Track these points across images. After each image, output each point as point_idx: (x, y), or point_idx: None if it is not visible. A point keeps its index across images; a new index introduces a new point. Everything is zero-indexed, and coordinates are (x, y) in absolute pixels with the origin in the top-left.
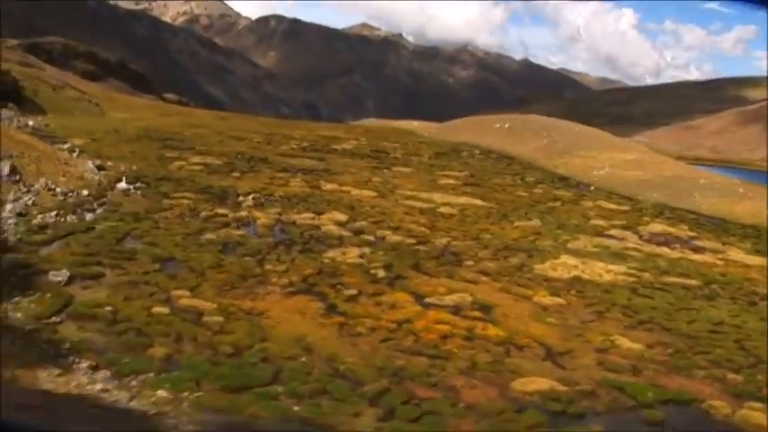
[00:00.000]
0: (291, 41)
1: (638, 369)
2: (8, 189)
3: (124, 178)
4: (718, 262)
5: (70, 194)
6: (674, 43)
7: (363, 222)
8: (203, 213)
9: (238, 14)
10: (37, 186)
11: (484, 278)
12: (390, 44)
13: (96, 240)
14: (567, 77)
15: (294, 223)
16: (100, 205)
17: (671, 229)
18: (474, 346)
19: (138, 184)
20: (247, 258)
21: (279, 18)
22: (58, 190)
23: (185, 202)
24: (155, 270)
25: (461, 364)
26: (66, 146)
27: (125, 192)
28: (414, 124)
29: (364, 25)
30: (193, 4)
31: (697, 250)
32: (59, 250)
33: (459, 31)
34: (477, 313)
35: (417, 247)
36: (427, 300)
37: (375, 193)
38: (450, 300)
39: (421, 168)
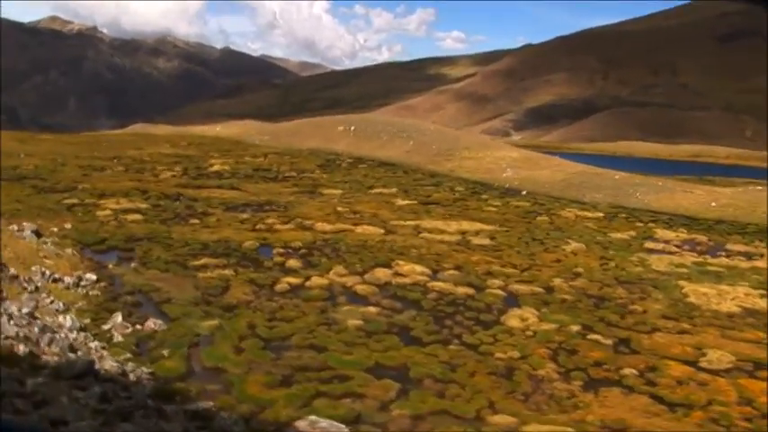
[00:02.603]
0: None
1: None
2: None
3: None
4: None
5: (83, 282)
6: (365, 26)
7: (454, 272)
8: (279, 287)
9: None
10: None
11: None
12: (86, 38)
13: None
14: (269, 63)
15: (403, 287)
16: (131, 293)
17: (680, 234)
18: None
19: (132, 259)
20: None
21: None
22: (68, 280)
23: (227, 273)
24: None
25: None
26: None
27: (135, 267)
28: (239, 126)
29: (54, 18)
30: None
31: (748, 256)
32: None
33: (156, 22)
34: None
35: (583, 300)
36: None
37: (382, 230)
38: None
39: (349, 188)
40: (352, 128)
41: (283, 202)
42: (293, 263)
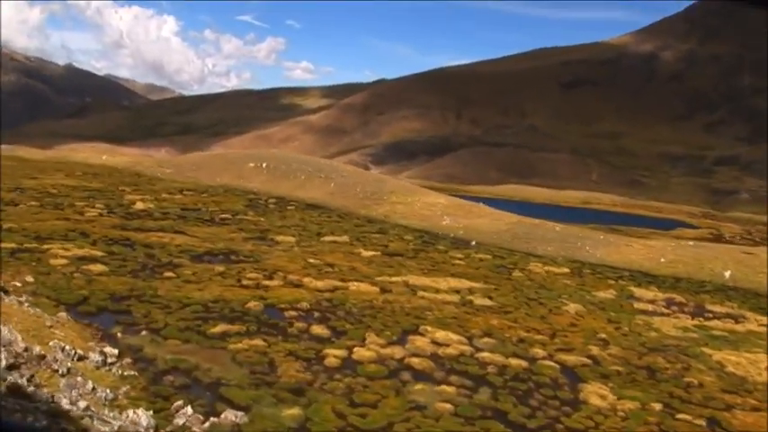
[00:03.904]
0: None
1: None
2: None
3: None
4: None
5: (108, 359)
6: (215, 52)
7: (488, 339)
8: (329, 362)
9: None
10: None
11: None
12: None
13: None
14: (115, 84)
15: (454, 359)
16: (167, 371)
17: (657, 294)
18: None
19: (134, 324)
20: None
21: None
22: (93, 357)
23: (257, 343)
24: None
25: None
26: None
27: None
28: (129, 156)
29: None
30: None
31: (732, 318)
32: None
33: None
34: None
35: (635, 373)
36: None
37: (375, 288)
38: None
39: (299, 234)
40: (264, 165)
41: (246, 252)
42: (318, 330)
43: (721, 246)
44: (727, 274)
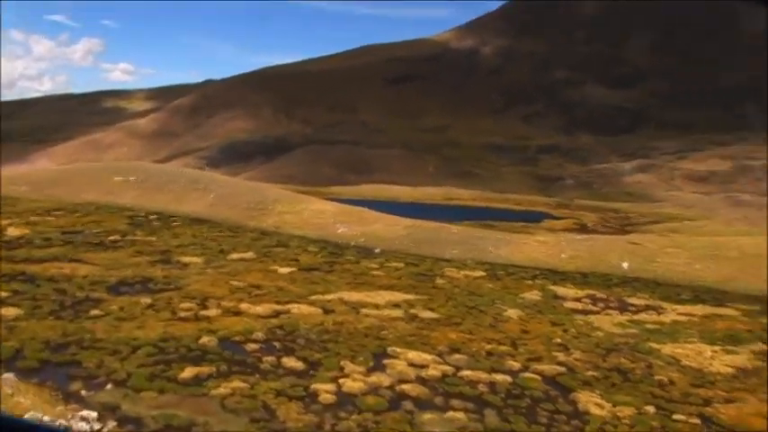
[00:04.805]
0: None
1: None
2: None
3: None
4: (705, 317)
5: (94, 426)
6: (24, 53)
7: (459, 356)
8: (323, 399)
9: None
10: None
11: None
12: None
13: None
14: None
15: (441, 380)
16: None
17: (578, 292)
18: None
19: (92, 378)
20: None
21: None
22: (81, 426)
23: (239, 385)
24: None
25: None
26: None
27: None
28: None
29: None
30: None
31: (653, 310)
32: None
33: None
34: None
35: (611, 376)
36: None
37: (317, 309)
38: None
39: (201, 253)
40: (132, 178)
41: (161, 278)
42: (291, 363)
43: (604, 237)
44: (625, 265)
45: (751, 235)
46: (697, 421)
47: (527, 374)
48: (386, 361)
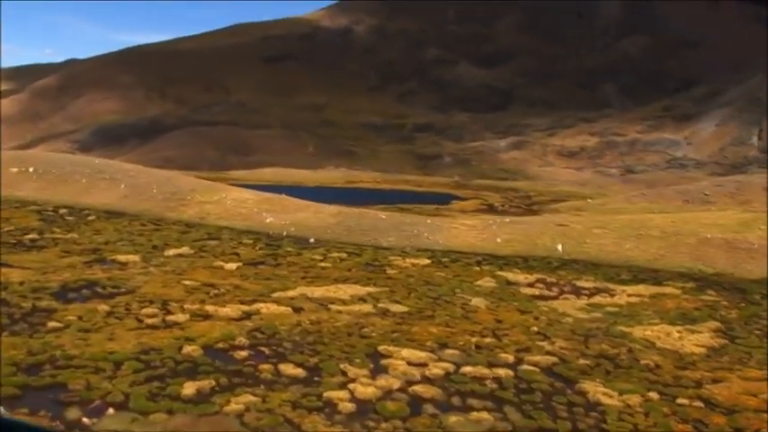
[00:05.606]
0: None
1: None
2: None
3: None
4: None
5: None
6: None
7: (453, 351)
8: (342, 407)
9: None
10: None
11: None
12: None
13: None
14: None
15: (448, 378)
16: None
17: (527, 276)
18: None
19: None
20: None
21: None
22: None
23: (250, 399)
24: None
25: None
26: None
27: None
28: None
29: None
30: None
31: (605, 292)
32: None
33: None
34: None
35: (602, 364)
36: None
37: (285, 307)
38: None
39: (135, 251)
40: (32, 169)
41: (105, 281)
42: (290, 370)
43: (531, 218)
44: (560, 247)
45: (652, 211)
46: (700, 404)
47: (525, 367)
48: (383, 361)
